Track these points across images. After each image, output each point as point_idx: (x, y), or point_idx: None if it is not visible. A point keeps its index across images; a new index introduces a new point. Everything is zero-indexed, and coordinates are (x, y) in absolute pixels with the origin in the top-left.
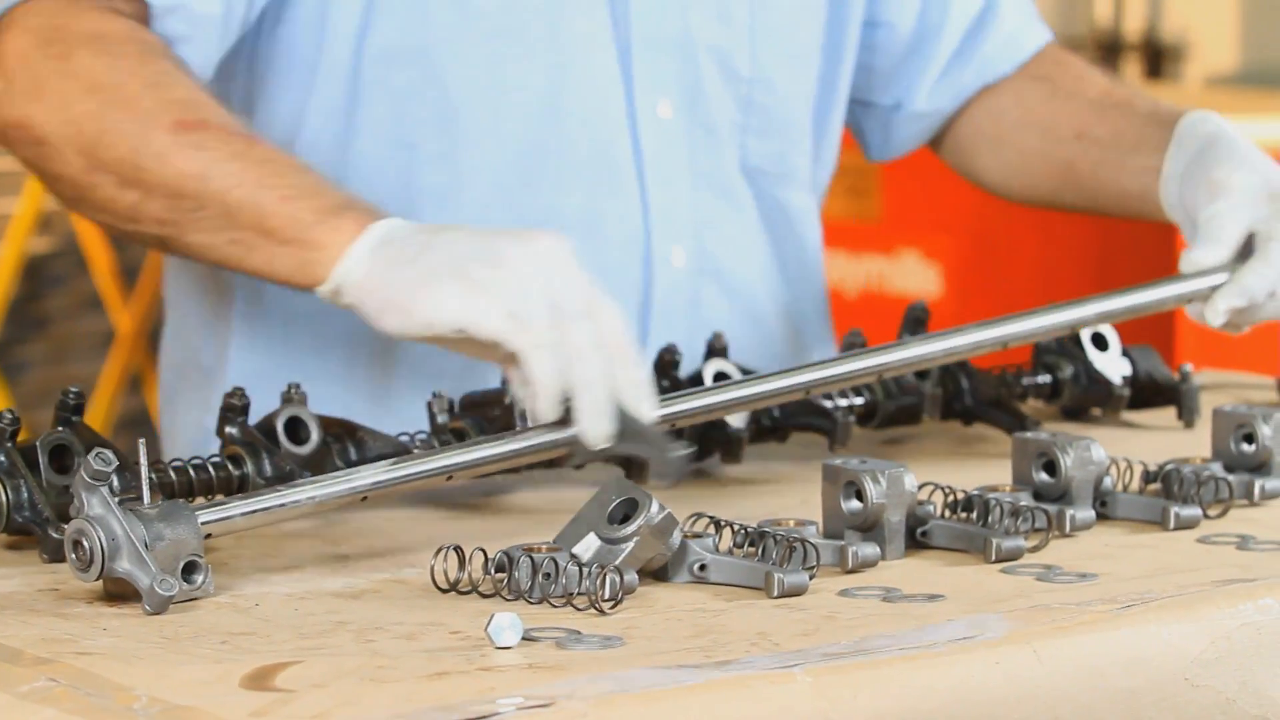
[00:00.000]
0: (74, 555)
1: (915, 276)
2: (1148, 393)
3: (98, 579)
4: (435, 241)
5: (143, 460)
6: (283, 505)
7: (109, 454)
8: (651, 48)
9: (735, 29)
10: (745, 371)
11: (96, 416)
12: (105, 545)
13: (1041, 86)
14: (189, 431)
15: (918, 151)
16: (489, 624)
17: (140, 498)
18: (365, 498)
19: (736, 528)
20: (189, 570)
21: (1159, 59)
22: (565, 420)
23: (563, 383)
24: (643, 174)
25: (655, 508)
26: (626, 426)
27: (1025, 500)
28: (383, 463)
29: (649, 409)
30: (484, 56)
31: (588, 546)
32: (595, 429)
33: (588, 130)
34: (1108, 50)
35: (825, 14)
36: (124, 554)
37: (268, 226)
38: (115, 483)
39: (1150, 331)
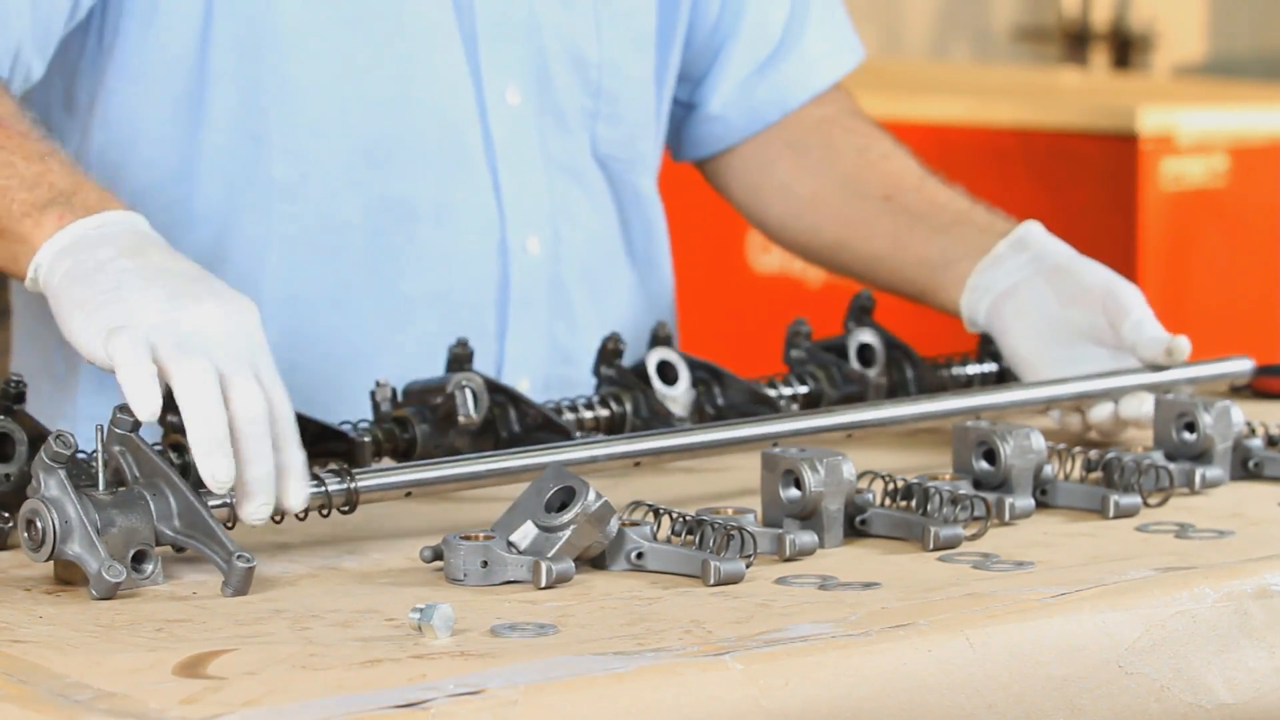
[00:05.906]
0: (26, 535)
1: None
2: None
3: (48, 560)
4: (112, 266)
5: (98, 447)
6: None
7: (70, 436)
8: (497, 33)
9: (579, 13)
10: (690, 362)
11: None
12: (57, 527)
13: (855, 140)
14: None
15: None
16: (419, 615)
17: (95, 484)
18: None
19: (675, 516)
20: (139, 559)
21: (1127, 49)
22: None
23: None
24: (494, 162)
25: (592, 496)
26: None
27: (964, 489)
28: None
29: (297, 495)
30: (330, 47)
31: (525, 534)
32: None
33: (437, 118)
34: (1075, 40)
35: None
36: (75, 537)
37: None
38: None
39: None
